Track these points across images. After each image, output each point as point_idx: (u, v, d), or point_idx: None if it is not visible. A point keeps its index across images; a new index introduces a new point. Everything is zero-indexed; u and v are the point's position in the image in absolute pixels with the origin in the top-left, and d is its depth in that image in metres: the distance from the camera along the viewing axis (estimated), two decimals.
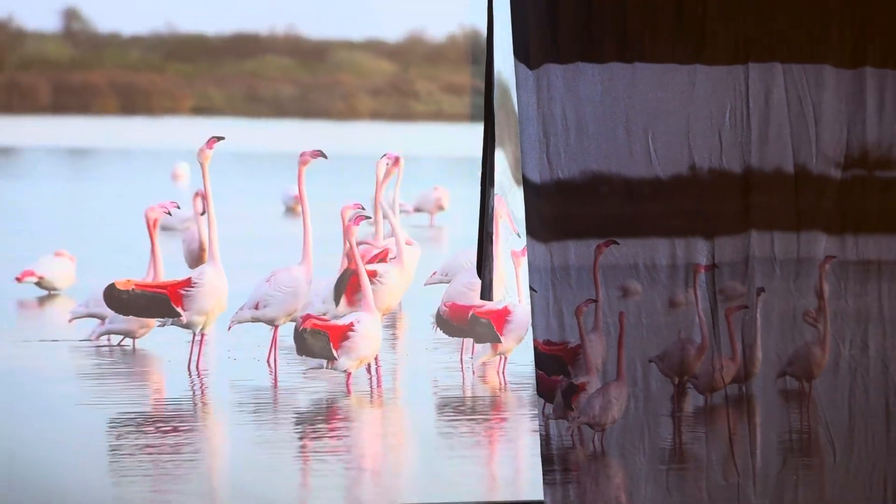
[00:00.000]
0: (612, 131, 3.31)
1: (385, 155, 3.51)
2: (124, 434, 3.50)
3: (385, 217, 3.69)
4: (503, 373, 3.69)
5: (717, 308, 3.38)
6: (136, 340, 3.63)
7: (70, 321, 3.60)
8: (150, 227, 3.55)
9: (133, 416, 3.55)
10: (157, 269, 3.59)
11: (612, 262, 3.29)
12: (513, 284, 3.71)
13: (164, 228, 3.56)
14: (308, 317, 3.49)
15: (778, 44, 3.37)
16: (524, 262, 3.51)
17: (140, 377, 3.65)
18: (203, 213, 3.58)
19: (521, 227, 3.46)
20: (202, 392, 3.56)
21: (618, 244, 3.29)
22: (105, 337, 3.59)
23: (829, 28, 3.40)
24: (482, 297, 3.55)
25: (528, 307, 3.42)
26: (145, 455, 3.46)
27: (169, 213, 3.59)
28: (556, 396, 3.37)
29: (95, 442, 3.46)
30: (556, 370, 3.36)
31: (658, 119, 3.33)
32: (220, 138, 3.48)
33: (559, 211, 3.29)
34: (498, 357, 3.67)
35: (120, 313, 3.50)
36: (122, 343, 3.59)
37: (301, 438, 3.59)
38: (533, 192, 3.30)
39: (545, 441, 3.32)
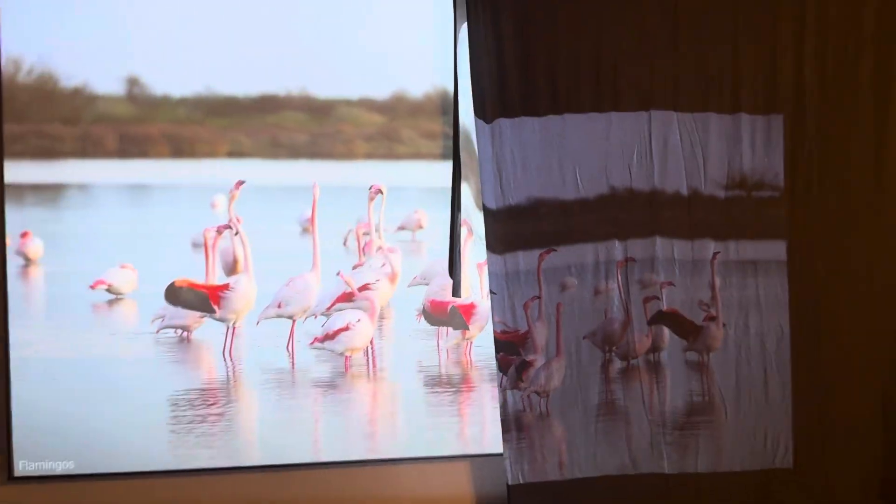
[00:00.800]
0: (549, 168, 3.36)
1: (371, 187, 3.54)
2: (178, 406, 3.46)
3: (377, 232, 3.71)
4: (470, 354, 3.69)
5: (630, 294, 3.46)
6: (192, 333, 3.54)
7: (152, 322, 3.58)
8: (207, 243, 3.53)
9: (185, 392, 3.52)
10: (209, 275, 3.56)
11: (551, 265, 3.34)
12: (477, 288, 3.74)
13: (198, 245, 3.57)
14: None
15: (673, 96, 3.43)
16: (485, 270, 3.56)
17: (191, 362, 3.63)
18: (236, 234, 3.60)
19: (481, 241, 3.52)
20: (234, 373, 3.57)
21: (556, 251, 3.36)
22: (167, 330, 3.58)
23: (712, 82, 3.47)
24: (453, 295, 3.53)
25: (489, 304, 3.46)
26: (195, 422, 3.43)
27: (220, 232, 3.58)
28: (511, 372, 3.42)
29: (156, 413, 3.44)
30: (511, 352, 3.41)
31: (583, 156, 3.38)
32: (242, 182, 3.52)
33: (510, 229, 3.33)
34: (466, 341, 3.70)
35: (172, 305, 3.52)
36: (180, 335, 3.58)
37: (314, 406, 3.57)
38: (490, 216, 3.35)
39: (503, 407, 3.36)
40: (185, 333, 3.52)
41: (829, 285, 3.59)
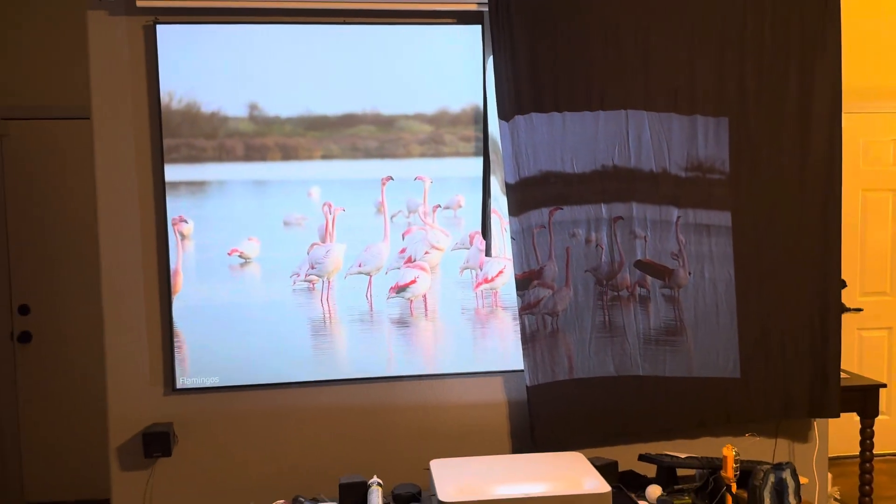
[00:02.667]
0: (552, 153, 3.40)
1: (417, 177, 3.62)
2: (293, 336, 3.51)
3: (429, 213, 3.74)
4: (498, 297, 3.68)
5: (621, 243, 3.49)
6: (314, 285, 3.49)
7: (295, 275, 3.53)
8: (328, 218, 3.51)
9: (297, 326, 3.55)
10: (328, 239, 3.54)
11: (557, 219, 3.39)
12: (503, 249, 3.76)
13: (287, 224, 3.62)
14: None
15: (645, 101, 3.46)
16: (508, 234, 3.54)
17: (301, 306, 3.65)
18: (331, 214, 3.64)
19: (504, 213, 3.56)
20: (331, 313, 3.65)
21: (562, 209, 3.40)
22: (295, 282, 3.51)
23: (675, 91, 3.48)
24: (486, 255, 3.59)
25: (512, 257, 3.47)
26: (304, 348, 3.53)
27: (333, 211, 3.57)
28: (528, 300, 3.49)
29: (276, 342, 3.51)
30: (528, 286, 3.49)
31: (578, 145, 3.43)
32: (341, 209, 3.52)
33: (526, 195, 3.30)
34: (496, 289, 3.72)
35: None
36: (306, 284, 3.54)
37: (387, 336, 3.61)
38: (510, 189, 3.40)
39: (522, 328, 3.44)
40: (310, 285, 3.59)
41: (763, 245, 3.62)
